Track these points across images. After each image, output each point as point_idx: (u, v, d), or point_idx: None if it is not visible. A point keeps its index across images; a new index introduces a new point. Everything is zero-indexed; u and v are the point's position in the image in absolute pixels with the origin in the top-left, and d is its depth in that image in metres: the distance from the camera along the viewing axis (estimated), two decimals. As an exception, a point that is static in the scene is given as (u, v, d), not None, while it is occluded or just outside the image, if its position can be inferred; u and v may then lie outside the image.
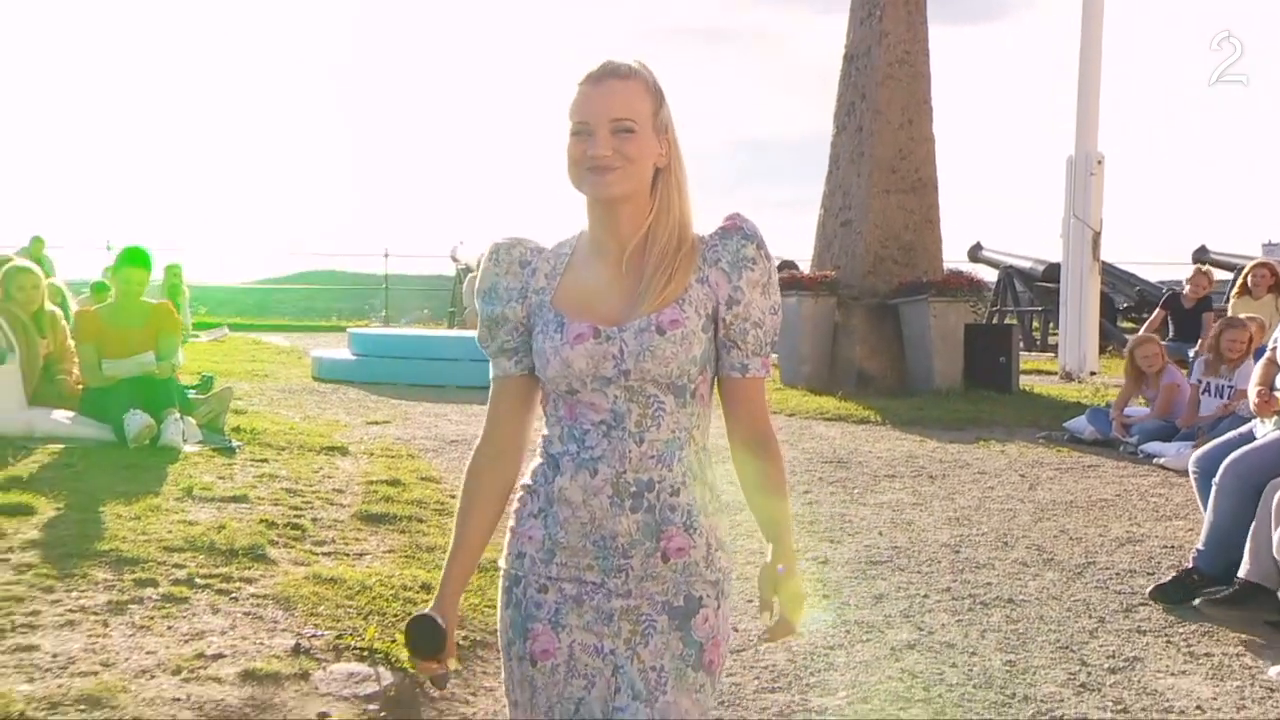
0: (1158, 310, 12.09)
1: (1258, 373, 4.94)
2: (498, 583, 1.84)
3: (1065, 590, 4.68)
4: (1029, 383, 12.28)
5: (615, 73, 1.72)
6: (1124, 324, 18.93)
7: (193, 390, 7.62)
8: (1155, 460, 7.75)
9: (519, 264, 1.80)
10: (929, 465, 7.61)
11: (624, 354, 1.70)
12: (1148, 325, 11.91)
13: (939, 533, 5.66)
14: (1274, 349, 4.95)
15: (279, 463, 6.31)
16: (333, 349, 14.05)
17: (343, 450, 7.00)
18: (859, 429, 9.36)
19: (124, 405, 6.40)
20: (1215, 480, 4.53)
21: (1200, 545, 4.56)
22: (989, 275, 19.11)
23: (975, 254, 21.35)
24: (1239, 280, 10.69)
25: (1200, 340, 10.26)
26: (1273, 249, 22.87)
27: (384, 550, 4.70)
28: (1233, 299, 10.56)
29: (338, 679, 3.32)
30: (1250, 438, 4.80)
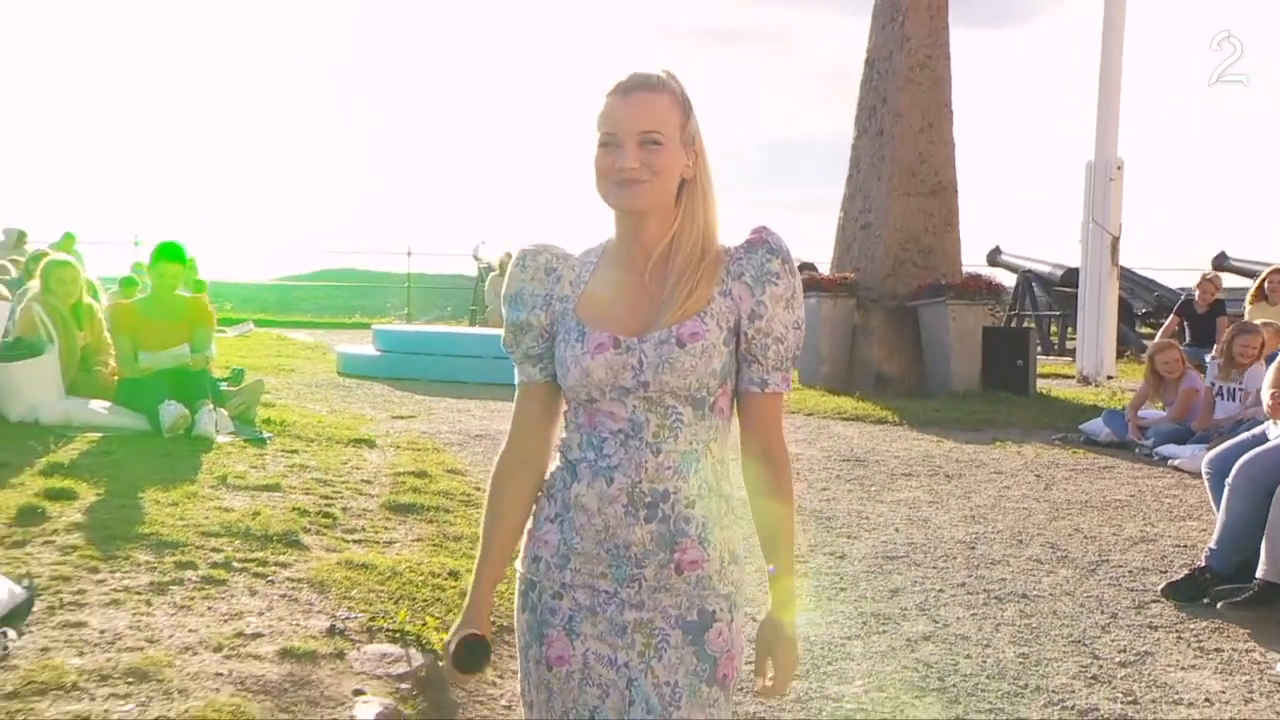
0: (1172, 316, 12.15)
1: (1271, 375, 5.01)
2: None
3: (1078, 586, 4.76)
4: (1046, 386, 12.31)
5: (644, 84, 1.70)
6: (1142, 329, 18.90)
7: (224, 383, 7.77)
8: (1170, 462, 7.83)
9: (545, 271, 1.80)
10: (945, 464, 7.69)
11: (643, 365, 1.69)
12: (1163, 331, 11.96)
13: (954, 530, 5.74)
14: None
15: (308, 454, 6.44)
16: (357, 345, 14.23)
17: (370, 443, 7.14)
18: (876, 429, 9.43)
19: (159, 396, 6.56)
20: (1228, 481, 4.62)
21: (1213, 544, 4.64)
22: (1008, 279, 19.12)
23: (994, 258, 21.32)
24: (1257, 285, 10.73)
25: (1216, 345, 10.31)
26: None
27: (412, 539, 4.82)
28: (1250, 304, 10.60)
29: (371, 659, 3.44)
30: (1263, 439, 4.88)
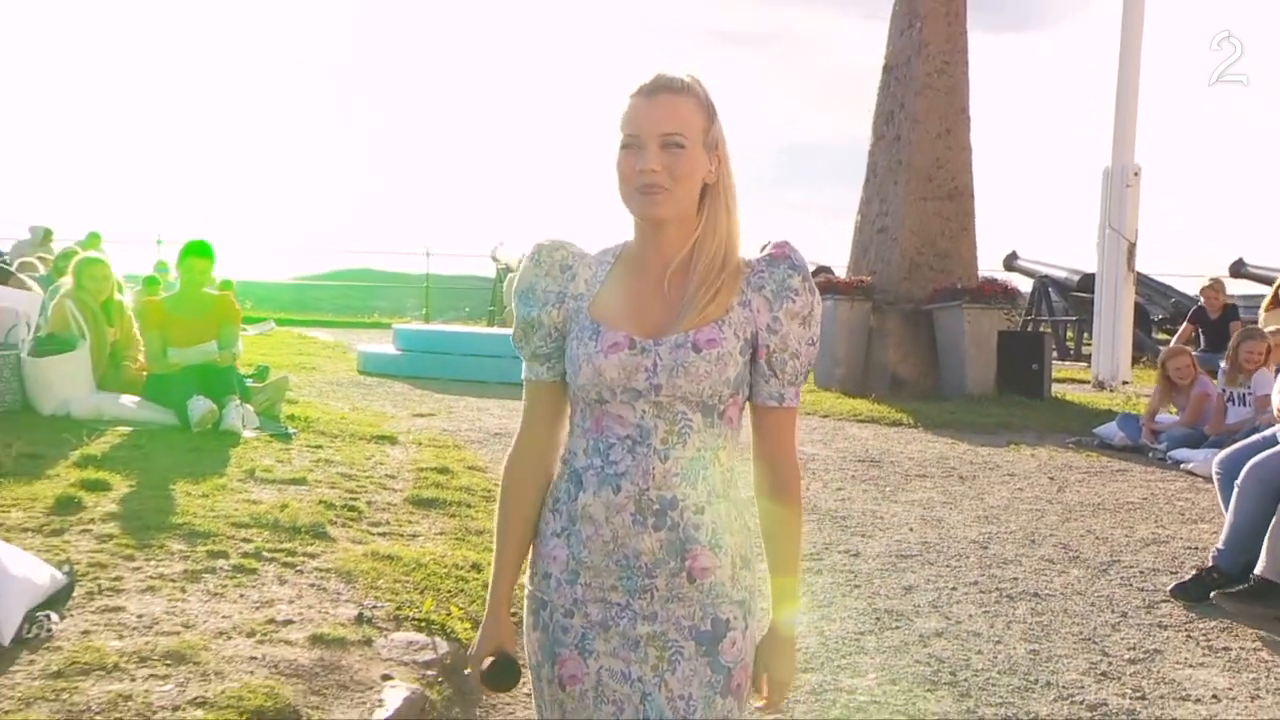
0: (1185, 324, 12.18)
1: (1281, 380, 5.09)
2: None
3: (1089, 586, 4.84)
4: (1061, 390, 12.35)
5: (668, 86, 1.68)
6: (1159, 335, 18.89)
7: (250, 379, 7.90)
8: (1183, 466, 7.89)
9: (560, 267, 1.77)
10: (959, 466, 7.76)
11: (657, 368, 1.67)
12: (1177, 338, 11.99)
13: (968, 530, 5.82)
14: None
15: (333, 449, 6.57)
16: (377, 344, 14.38)
17: (392, 439, 7.26)
18: (891, 431, 9.51)
19: (187, 391, 6.70)
20: (1237, 483, 4.69)
21: (1221, 544, 4.71)
22: (1024, 284, 19.13)
23: (1010, 263, 21.32)
24: (1272, 294, 10.75)
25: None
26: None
27: (435, 532, 4.94)
28: (1265, 311, 10.62)
29: (398, 646, 3.56)
30: (1274, 442, 4.95)
